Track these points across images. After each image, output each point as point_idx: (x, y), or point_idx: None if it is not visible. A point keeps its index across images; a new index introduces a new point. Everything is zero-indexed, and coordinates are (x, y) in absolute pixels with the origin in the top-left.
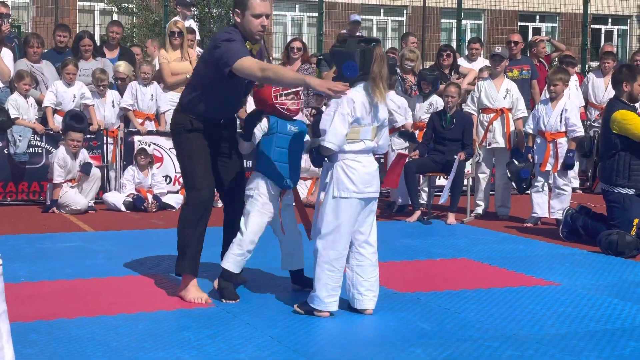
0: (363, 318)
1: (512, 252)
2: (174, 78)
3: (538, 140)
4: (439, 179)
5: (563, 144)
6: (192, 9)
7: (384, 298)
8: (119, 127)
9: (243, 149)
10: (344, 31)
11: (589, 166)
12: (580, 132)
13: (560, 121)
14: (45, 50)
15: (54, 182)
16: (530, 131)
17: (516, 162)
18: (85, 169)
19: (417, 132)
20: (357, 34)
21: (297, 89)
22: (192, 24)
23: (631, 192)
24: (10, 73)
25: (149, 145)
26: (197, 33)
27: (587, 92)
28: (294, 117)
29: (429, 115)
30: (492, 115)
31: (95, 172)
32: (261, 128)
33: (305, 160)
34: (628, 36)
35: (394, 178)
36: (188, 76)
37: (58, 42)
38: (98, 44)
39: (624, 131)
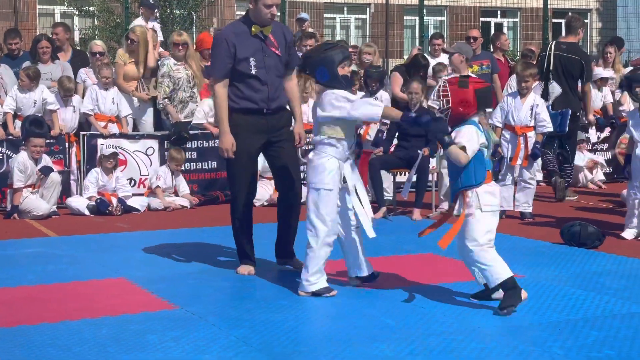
0: (327, 316)
1: None
2: (127, 84)
3: (507, 135)
4: (402, 174)
5: (532, 137)
6: (155, 10)
7: (349, 294)
8: (74, 131)
9: None
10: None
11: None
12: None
13: (531, 116)
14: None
15: (14, 187)
16: (498, 124)
17: None
18: (44, 170)
19: (363, 127)
20: (309, 30)
21: None
22: (155, 25)
23: None
24: None
25: (116, 148)
26: (160, 34)
27: None
28: None
29: None
30: None
31: (55, 176)
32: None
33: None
34: (588, 29)
35: (362, 177)
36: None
37: (10, 49)
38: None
39: None
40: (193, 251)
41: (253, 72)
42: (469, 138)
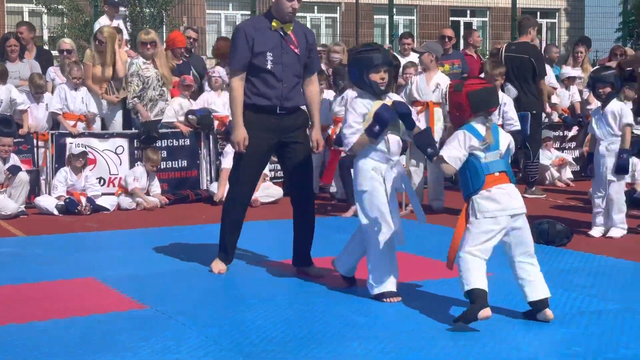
0: (298, 315)
1: (447, 244)
2: (95, 86)
3: None
4: None
5: None
6: (122, 8)
7: (319, 292)
8: (47, 130)
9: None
10: None
11: (520, 157)
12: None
13: (499, 114)
14: None
15: None
16: None
17: None
18: (12, 169)
19: (332, 127)
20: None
21: None
22: (120, 24)
23: None
24: None
25: (85, 147)
26: (126, 33)
27: None
28: None
29: (343, 109)
30: (419, 108)
31: (23, 176)
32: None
33: None
34: (557, 29)
35: (329, 174)
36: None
37: None
38: None
39: None
40: (163, 250)
41: (269, 67)
42: (449, 147)
